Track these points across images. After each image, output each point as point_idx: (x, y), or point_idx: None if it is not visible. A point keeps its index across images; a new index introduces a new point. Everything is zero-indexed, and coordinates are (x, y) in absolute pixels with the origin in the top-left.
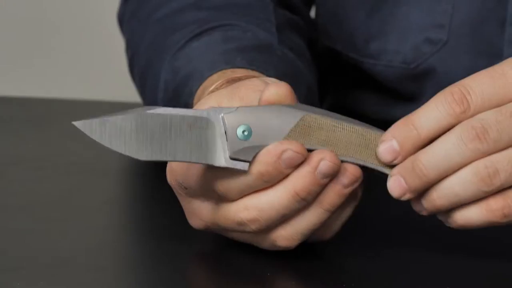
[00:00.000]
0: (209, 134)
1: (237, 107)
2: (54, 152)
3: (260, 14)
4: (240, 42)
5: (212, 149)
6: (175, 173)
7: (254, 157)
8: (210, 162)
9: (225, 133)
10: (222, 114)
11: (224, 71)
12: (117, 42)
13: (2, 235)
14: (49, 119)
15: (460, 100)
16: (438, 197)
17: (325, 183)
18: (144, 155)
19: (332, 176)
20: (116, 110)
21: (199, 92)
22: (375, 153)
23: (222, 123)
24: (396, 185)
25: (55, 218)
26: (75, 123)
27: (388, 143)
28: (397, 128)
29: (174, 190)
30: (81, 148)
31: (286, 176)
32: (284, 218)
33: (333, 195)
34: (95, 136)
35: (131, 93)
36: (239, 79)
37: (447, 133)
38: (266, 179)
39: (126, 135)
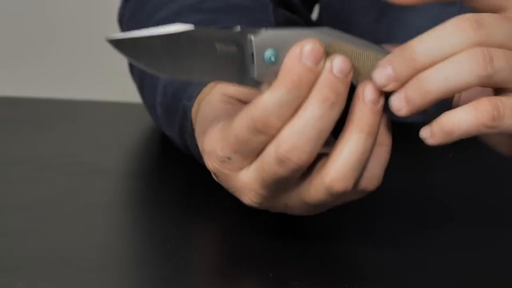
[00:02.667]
0: (237, 54)
1: (267, 28)
2: (55, 153)
3: (259, 15)
4: None
5: (240, 69)
6: (214, 152)
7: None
8: (237, 82)
9: (252, 55)
10: (250, 36)
11: None
12: None
13: (2, 235)
14: (49, 119)
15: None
16: (426, 82)
17: (347, 81)
18: (174, 73)
19: (348, 72)
20: (118, 111)
21: (201, 95)
22: None
23: (250, 44)
24: (382, 72)
25: (56, 219)
26: (107, 39)
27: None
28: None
29: (218, 177)
30: (83, 148)
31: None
32: (321, 135)
33: (367, 115)
34: (126, 53)
35: (132, 93)
36: None
37: (444, 23)
38: (299, 86)
39: (156, 53)
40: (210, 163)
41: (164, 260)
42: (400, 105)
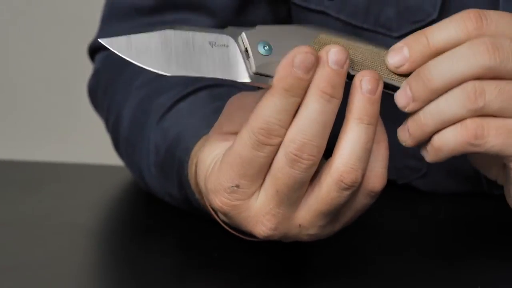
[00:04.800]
0: (231, 51)
1: (257, 26)
2: (43, 214)
3: None
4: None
5: (235, 66)
6: (221, 187)
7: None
8: (234, 78)
9: (247, 50)
10: (242, 33)
11: None
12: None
13: None
14: (37, 181)
15: (475, 18)
16: (423, 115)
17: (343, 72)
18: (171, 71)
19: (344, 62)
20: (105, 173)
21: (198, 146)
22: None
23: (242, 41)
24: (402, 94)
25: (44, 279)
26: (102, 40)
27: (399, 48)
28: (410, 36)
29: (227, 213)
30: (70, 210)
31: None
32: (325, 128)
33: (365, 105)
34: (123, 53)
35: (114, 156)
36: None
37: (459, 46)
38: (292, 93)
39: (152, 51)
40: (218, 200)
41: None
42: (405, 137)
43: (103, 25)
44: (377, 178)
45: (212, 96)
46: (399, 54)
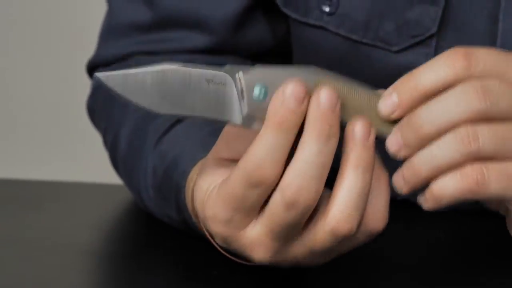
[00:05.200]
0: (227, 91)
1: (255, 66)
2: (42, 234)
3: None
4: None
5: (229, 106)
6: (216, 217)
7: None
8: (227, 119)
9: (242, 92)
10: (240, 73)
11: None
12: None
13: None
14: (37, 200)
15: (463, 58)
16: (417, 161)
17: (337, 111)
18: (164, 109)
19: (336, 101)
20: (105, 192)
21: (194, 170)
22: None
23: (239, 80)
24: (393, 140)
25: None
26: (98, 74)
27: (388, 95)
28: (399, 82)
29: (224, 239)
30: (70, 229)
31: (301, 121)
32: (324, 169)
33: (360, 151)
34: (118, 89)
35: (114, 175)
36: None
37: (449, 90)
38: (286, 128)
39: (147, 89)
40: (215, 228)
41: None
42: (400, 185)
43: (101, 42)
44: (377, 218)
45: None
46: (389, 101)
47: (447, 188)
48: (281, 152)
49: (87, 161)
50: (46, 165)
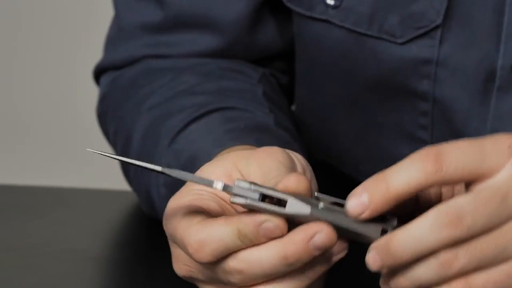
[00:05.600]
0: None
1: (246, 197)
2: (46, 240)
3: (252, 97)
4: (241, 123)
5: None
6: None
7: None
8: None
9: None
10: (233, 199)
11: (231, 148)
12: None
13: None
14: (40, 207)
15: (433, 159)
16: (403, 278)
17: (317, 254)
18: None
19: (325, 250)
20: (109, 198)
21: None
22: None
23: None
24: (372, 260)
25: None
26: (93, 151)
27: (358, 195)
28: (369, 181)
29: (168, 237)
30: (74, 236)
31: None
32: (268, 277)
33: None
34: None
35: (122, 181)
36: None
37: (422, 216)
38: (242, 239)
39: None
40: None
41: None
42: None
43: (109, 46)
44: None
45: (225, 118)
46: (358, 201)
47: None
48: (226, 249)
49: (90, 167)
50: (48, 171)
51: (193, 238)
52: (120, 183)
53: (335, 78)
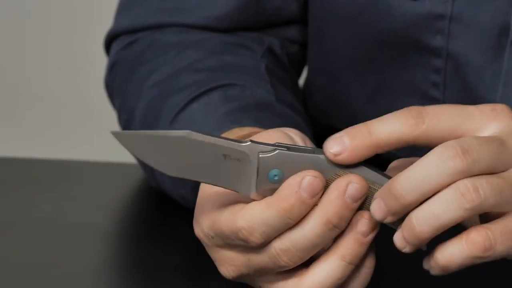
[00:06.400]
0: (243, 167)
1: (276, 148)
2: (54, 214)
3: (254, 72)
4: (241, 102)
5: (242, 180)
6: (201, 225)
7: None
8: (237, 190)
9: (257, 171)
10: (259, 155)
11: (231, 130)
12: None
13: None
14: (48, 180)
15: (416, 114)
16: (417, 222)
17: (356, 207)
18: (173, 172)
19: (362, 199)
20: (118, 172)
21: None
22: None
23: (257, 162)
24: (377, 208)
25: (55, 281)
26: (113, 133)
27: (338, 137)
28: (351, 127)
29: (202, 242)
30: (82, 210)
31: (310, 209)
32: (315, 249)
33: (354, 245)
34: (129, 148)
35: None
36: (248, 135)
37: (427, 154)
38: (289, 215)
39: (161, 153)
40: (196, 231)
41: None
42: (402, 245)
43: (122, 10)
44: None
45: (225, 98)
46: (338, 142)
47: (454, 258)
48: (275, 230)
49: (98, 139)
50: (57, 143)
51: (243, 223)
52: (129, 156)
53: (348, 37)
